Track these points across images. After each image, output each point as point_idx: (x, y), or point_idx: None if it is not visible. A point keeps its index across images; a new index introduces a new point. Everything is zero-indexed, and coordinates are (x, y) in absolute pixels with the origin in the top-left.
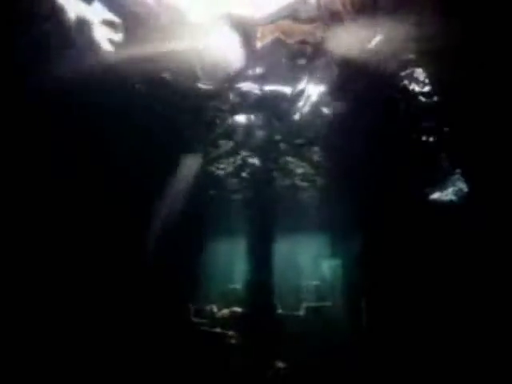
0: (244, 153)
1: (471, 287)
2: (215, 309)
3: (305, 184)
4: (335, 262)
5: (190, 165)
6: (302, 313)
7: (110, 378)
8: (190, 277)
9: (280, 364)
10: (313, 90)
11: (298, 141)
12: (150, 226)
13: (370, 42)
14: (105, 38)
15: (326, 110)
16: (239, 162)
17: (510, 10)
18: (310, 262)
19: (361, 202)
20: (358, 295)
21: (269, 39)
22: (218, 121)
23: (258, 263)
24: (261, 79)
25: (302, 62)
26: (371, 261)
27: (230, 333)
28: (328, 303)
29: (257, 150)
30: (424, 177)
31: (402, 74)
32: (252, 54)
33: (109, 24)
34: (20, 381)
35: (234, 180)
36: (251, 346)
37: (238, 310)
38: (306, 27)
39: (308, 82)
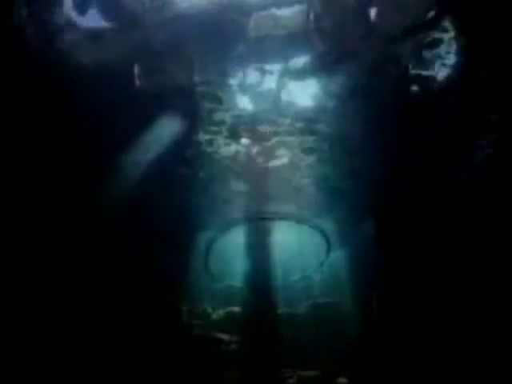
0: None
1: (496, 281)
2: (210, 309)
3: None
4: (342, 252)
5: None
6: (307, 311)
7: None
8: (180, 273)
9: (284, 373)
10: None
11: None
12: (137, 218)
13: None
14: None
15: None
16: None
17: None
18: (314, 253)
19: (373, 181)
20: (369, 289)
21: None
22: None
23: (257, 256)
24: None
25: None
26: (384, 249)
27: (227, 336)
28: (335, 299)
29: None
30: (443, 151)
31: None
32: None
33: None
34: None
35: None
36: (250, 351)
37: (236, 310)
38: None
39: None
